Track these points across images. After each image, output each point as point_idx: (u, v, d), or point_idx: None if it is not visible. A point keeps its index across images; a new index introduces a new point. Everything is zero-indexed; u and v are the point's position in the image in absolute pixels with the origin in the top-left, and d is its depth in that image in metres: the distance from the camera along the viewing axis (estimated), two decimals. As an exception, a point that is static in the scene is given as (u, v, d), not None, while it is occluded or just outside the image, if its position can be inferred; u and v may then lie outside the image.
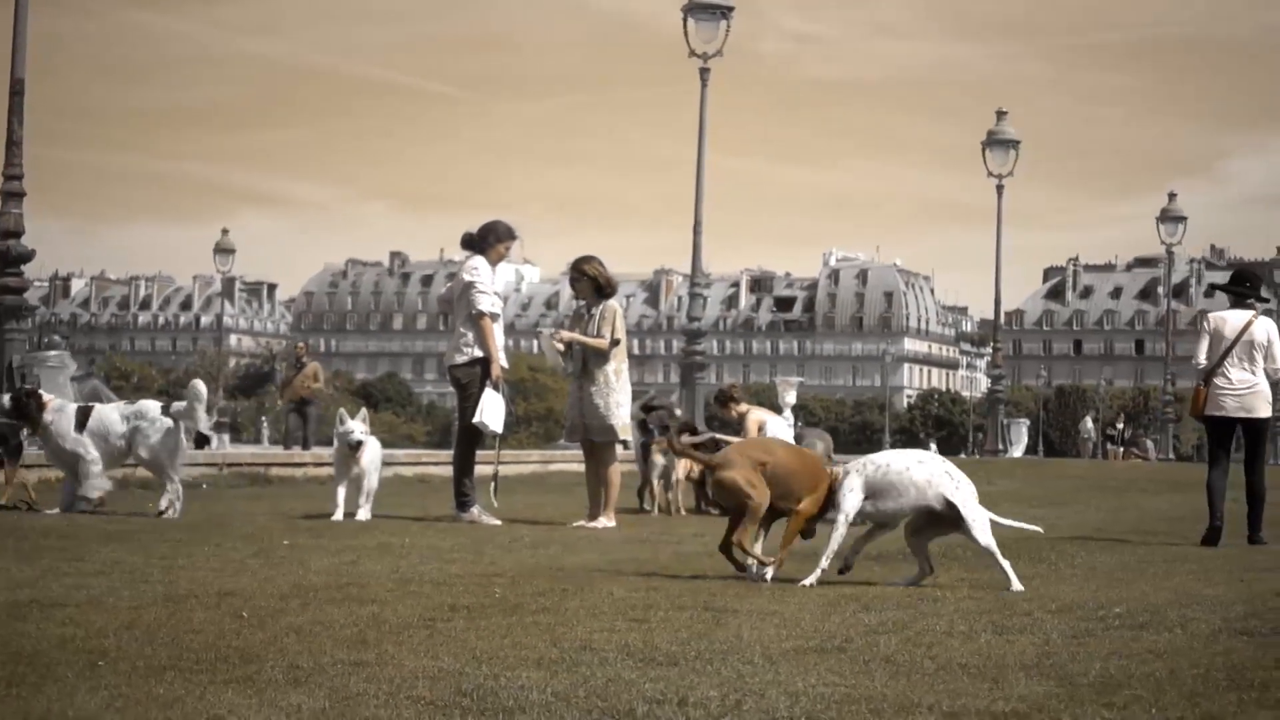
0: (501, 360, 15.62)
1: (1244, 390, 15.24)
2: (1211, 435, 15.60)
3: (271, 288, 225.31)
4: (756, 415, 19.12)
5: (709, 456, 11.00)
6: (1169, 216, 58.30)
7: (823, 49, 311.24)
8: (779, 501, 10.47)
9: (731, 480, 10.37)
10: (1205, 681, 6.61)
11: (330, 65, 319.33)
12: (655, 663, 6.80)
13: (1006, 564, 10.16)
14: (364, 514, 15.17)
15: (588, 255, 16.36)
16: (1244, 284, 15.72)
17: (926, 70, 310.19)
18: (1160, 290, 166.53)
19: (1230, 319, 15.35)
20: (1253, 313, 15.42)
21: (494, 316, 15.59)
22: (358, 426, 15.31)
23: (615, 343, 15.98)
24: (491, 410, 15.34)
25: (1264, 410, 15.35)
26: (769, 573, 10.24)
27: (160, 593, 8.85)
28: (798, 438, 19.94)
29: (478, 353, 15.52)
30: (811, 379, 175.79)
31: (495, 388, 15.46)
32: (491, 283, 15.68)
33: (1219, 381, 15.23)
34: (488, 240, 15.78)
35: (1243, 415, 15.30)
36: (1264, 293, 15.76)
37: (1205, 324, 15.47)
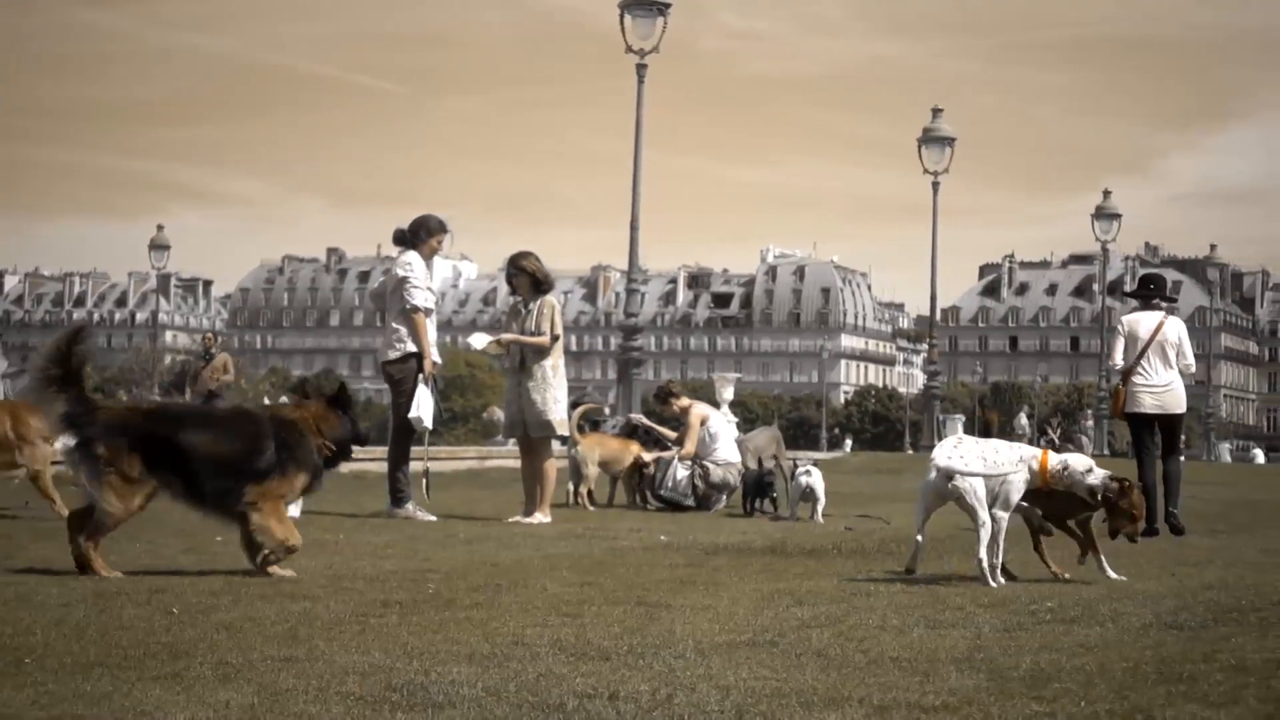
0: (434, 356, 15.58)
1: (1161, 388, 15.88)
2: (1134, 432, 16.14)
3: (207, 284, 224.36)
4: (699, 410, 19.18)
5: None
6: (1104, 214, 58.62)
7: (760, 46, 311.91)
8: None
9: None
10: (1134, 675, 6.64)
11: (267, 61, 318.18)
12: (587, 657, 6.80)
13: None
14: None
15: (525, 251, 16.32)
16: (1149, 287, 16.45)
17: (863, 67, 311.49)
18: (1095, 287, 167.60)
19: (1144, 321, 16.05)
20: (1163, 314, 16.14)
21: (428, 312, 15.54)
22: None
23: (555, 339, 15.95)
24: (425, 406, 15.30)
25: (1179, 407, 16.04)
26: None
27: (90, 589, 8.78)
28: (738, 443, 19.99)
29: (411, 348, 15.47)
30: (749, 375, 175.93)
31: (428, 383, 15.42)
32: (425, 278, 15.63)
33: (1137, 380, 15.91)
34: (420, 235, 15.73)
35: (1160, 412, 15.92)
36: (1169, 294, 16.58)
37: (1120, 326, 16.23)
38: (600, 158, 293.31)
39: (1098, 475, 10.44)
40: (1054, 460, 10.48)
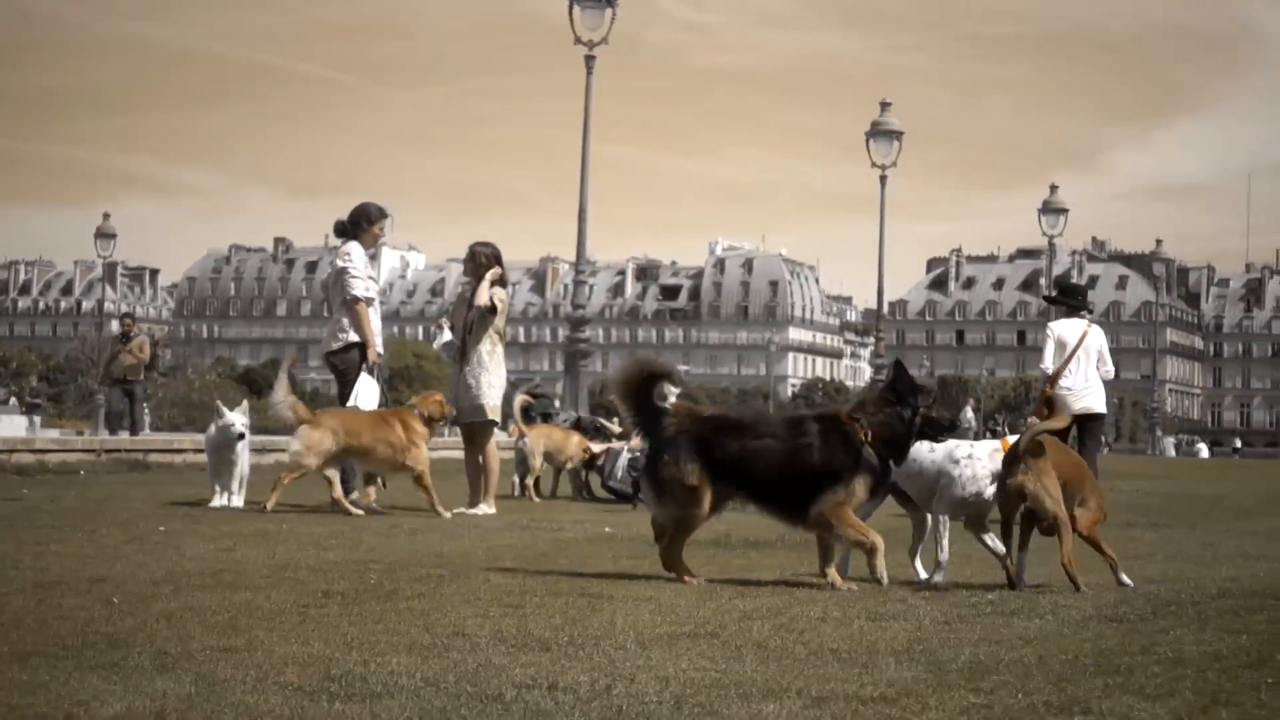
0: (377, 345, 15.56)
1: (1084, 390, 16.64)
2: (1053, 433, 16.54)
3: (154, 273, 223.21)
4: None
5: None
6: (1051, 208, 58.91)
7: (710, 38, 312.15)
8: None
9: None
10: (1073, 667, 6.67)
11: (216, 49, 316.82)
12: (527, 648, 6.80)
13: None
14: (238, 500, 15.08)
15: (487, 241, 16.35)
16: (1074, 297, 17.44)
17: (812, 61, 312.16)
18: (1042, 281, 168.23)
19: (1071, 328, 16.84)
20: (1086, 322, 16.98)
21: (368, 301, 15.52)
22: (238, 419, 15.16)
23: (493, 310, 15.88)
24: (366, 395, 15.28)
25: (1100, 406, 16.87)
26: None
27: (30, 579, 8.75)
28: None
29: (353, 338, 15.45)
30: (697, 367, 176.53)
31: (371, 372, 15.40)
32: (365, 268, 15.62)
33: (1064, 384, 16.67)
34: (361, 225, 15.72)
35: (1083, 411, 16.54)
36: (1088, 303, 17.55)
37: (1049, 333, 17.05)
38: (549, 149, 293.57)
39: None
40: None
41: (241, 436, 15.11)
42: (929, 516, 10.31)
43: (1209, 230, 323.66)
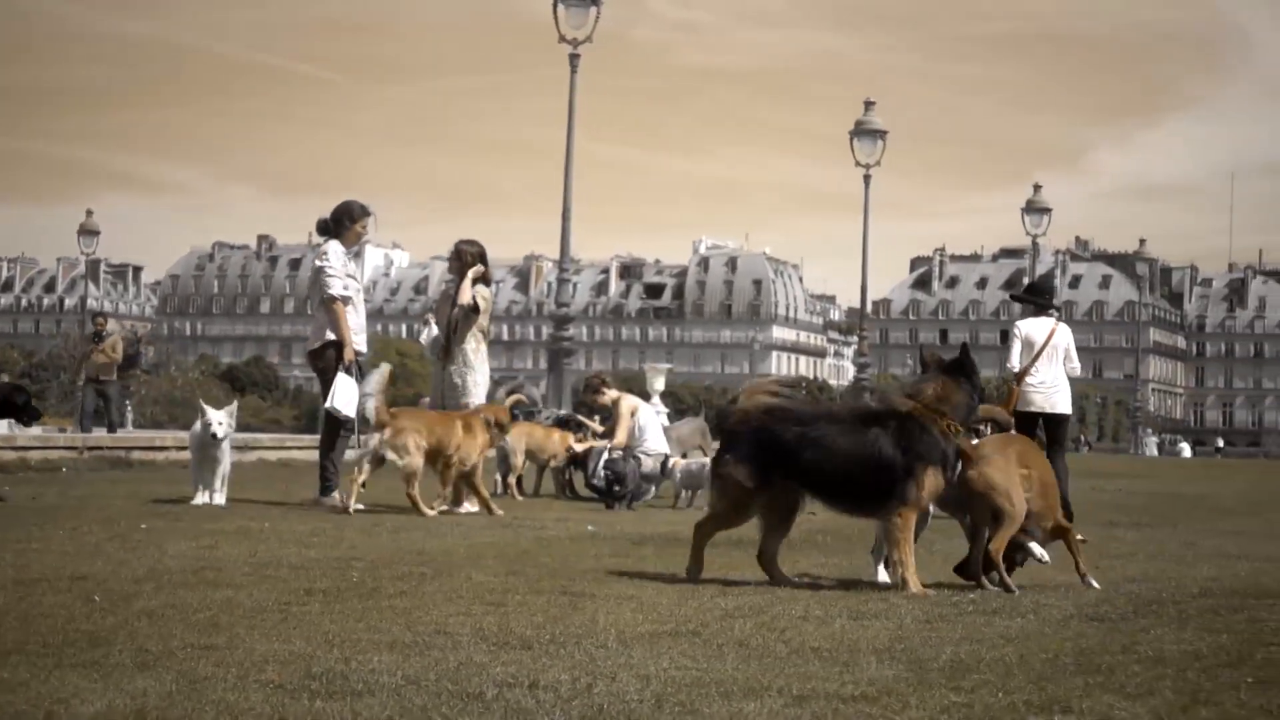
0: (358, 344, 15.52)
1: (1050, 389, 16.57)
2: (1019, 430, 16.64)
3: (137, 270, 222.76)
4: (629, 401, 19.16)
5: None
6: (1034, 208, 58.94)
7: (695, 37, 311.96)
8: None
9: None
10: (1053, 665, 6.69)
11: (200, 46, 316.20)
12: (509, 646, 6.80)
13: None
14: (220, 498, 15.06)
15: (473, 240, 16.36)
16: (1042, 295, 17.45)
17: (798, 60, 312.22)
18: (1025, 281, 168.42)
19: (1037, 326, 16.80)
20: (1053, 321, 16.99)
21: (345, 300, 15.48)
22: (218, 417, 15.13)
23: (475, 309, 15.90)
24: (343, 394, 15.22)
25: (1065, 406, 16.75)
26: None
27: (10, 576, 8.73)
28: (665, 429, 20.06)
29: (332, 336, 15.43)
30: (680, 366, 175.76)
31: (348, 371, 15.37)
32: (344, 266, 15.59)
33: (1030, 382, 16.61)
34: (343, 223, 15.70)
35: (1049, 410, 16.54)
36: (1055, 302, 17.55)
37: (1016, 331, 17.06)
38: (534, 147, 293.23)
39: None
40: None
41: (217, 438, 15.06)
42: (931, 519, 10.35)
43: (1192, 230, 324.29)
